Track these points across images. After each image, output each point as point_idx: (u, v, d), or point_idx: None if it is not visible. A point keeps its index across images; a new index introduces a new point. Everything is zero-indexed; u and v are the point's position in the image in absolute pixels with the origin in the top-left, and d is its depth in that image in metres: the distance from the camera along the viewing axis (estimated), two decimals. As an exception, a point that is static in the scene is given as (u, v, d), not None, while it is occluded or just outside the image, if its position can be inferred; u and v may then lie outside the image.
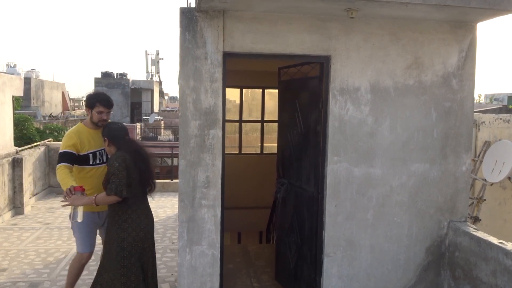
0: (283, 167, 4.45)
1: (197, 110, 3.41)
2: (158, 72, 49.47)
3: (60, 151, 3.60)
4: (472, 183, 6.66)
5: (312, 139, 3.82)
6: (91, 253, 3.78)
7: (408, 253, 3.74)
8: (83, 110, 47.73)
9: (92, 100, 3.67)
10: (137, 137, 28.25)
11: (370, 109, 3.59)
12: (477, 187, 6.71)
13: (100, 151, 3.70)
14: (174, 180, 9.47)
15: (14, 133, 8.57)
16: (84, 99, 4.84)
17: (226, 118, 3.56)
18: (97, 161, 3.67)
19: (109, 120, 3.71)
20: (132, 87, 37.32)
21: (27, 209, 7.57)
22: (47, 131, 18.83)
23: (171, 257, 5.45)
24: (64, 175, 3.47)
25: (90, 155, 3.65)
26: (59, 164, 3.53)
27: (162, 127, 31.87)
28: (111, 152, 3.42)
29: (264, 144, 7.33)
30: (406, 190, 3.69)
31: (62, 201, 3.48)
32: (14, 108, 8.47)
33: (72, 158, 3.57)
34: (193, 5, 3.51)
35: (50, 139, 11.05)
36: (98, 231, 3.83)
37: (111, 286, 3.31)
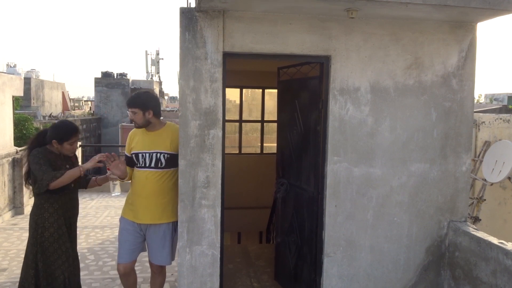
0: (283, 167, 4.45)
1: (197, 110, 3.41)
2: (158, 72, 49.45)
3: None
4: (472, 183, 6.66)
5: (312, 139, 3.82)
6: (125, 266, 3.46)
7: (408, 253, 3.74)
8: (83, 110, 47.77)
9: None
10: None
11: (370, 109, 3.59)
12: (477, 187, 6.72)
13: (145, 154, 3.40)
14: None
15: (14, 133, 8.56)
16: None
17: (226, 118, 3.56)
18: (141, 163, 3.42)
19: (132, 118, 3.41)
20: (132, 87, 37.30)
21: (27, 209, 7.57)
22: (47, 131, 18.82)
23: (171, 257, 5.44)
24: None
25: (134, 156, 3.46)
26: None
27: (162, 127, 31.84)
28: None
29: (264, 144, 7.33)
30: (406, 190, 3.69)
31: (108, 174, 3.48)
32: (14, 108, 8.46)
33: (127, 160, 3.51)
34: (193, 5, 3.51)
35: (50, 139, 11.04)
36: (142, 245, 3.55)
37: None
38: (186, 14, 3.34)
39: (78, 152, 9.53)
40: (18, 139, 13.03)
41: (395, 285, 3.74)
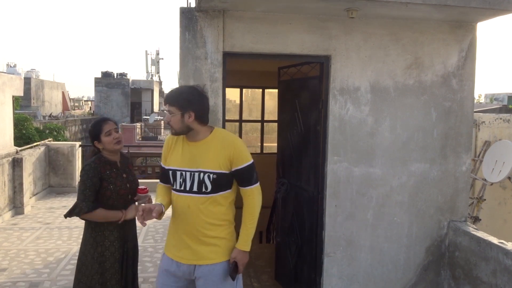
0: (283, 167, 4.45)
1: (197, 110, 3.40)
2: (158, 72, 49.48)
3: None
4: (472, 183, 6.66)
5: (312, 139, 3.82)
6: None
7: (408, 253, 3.74)
8: (83, 110, 47.79)
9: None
10: (137, 137, 28.28)
11: (370, 109, 3.59)
12: (477, 187, 6.72)
13: (184, 173, 2.50)
14: (174, 180, 9.46)
15: (14, 133, 8.57)
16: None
17: (226, 118, 3.56)
18: (179, 186, 2.53)
19: (168, 120, 2.58)
20: (132, 87, 37.35)
21: (27, 209, 7.58)
22: (47, 131, 18.85)
23: (171, 257, 5.44)
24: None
25: (170, 173, 2.57)
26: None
27: (162, 127, 31.89)
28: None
29: (264, 144, 7.32)
30: (406, 190, 3.69)
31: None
32: (14, 108, 8.46)
33: (162, 173, 2.69)
34: (193, 5, 3.51)
35: (50, 139, 11.06)
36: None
37: None
38: (186, 14, 3.34)
39: (79, 152, 9.53)
40: (18, 139, 13.04)
41: (395, 285, 3.74)
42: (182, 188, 2.50)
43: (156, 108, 41.08)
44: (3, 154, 7.29)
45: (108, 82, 35.73)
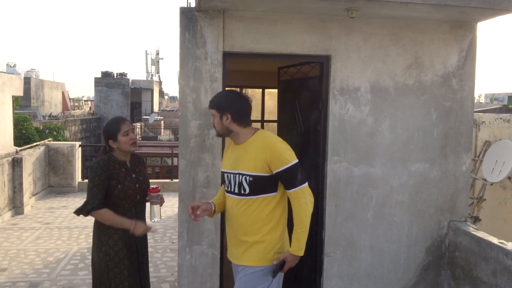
0: (283, 167, 4.44)
1: (197, 110, 3.41)
2: (158, 72, 49.48)
3: None
4: (472, 183, 6.66)
5: (312, 139, 3.82)
6: None
7: (408, 253, 3.74)
8: (83, 109, 47.78)
9: None
10: (137, 137, 28.25)
11: (370, 109, 3.59)
12: (477, 187, 6.71)
13: (229, 174, 2.57)
14: (174, 180, 9.47)
15: (14, 133, 8.57)
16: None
17: (226, 118, 3.56)
18: (226, 187, 2.63)
19: (213, 123, 2.63)
20: (132, 87, 37.34)
21: (27, 209, 7.58)
22: (47, 131, 18.84)
23: (171, 257, 5.45)
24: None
25: (222, 174, 2.68)
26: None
27: (162, 127, 31.90)
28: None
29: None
30: (406, 190, 3.69)
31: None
32: (13, 108, 8.46)
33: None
34: (193, 4, 3.51)
35: (50, 139, 11.06)
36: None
37: None
38: (186, 14, 3.33)
39: (78, 152, 9.53)
40: (17, 139, 13.04)
41: (395, 285, 3.74)
42: (228, 189, 2.59)
43: (156, 108, 41.08)
44: (3, 154, 7.29)
45: (108, 82, 35.71)
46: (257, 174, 2.44)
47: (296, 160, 2.46)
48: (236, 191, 2.52)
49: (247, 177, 2.46)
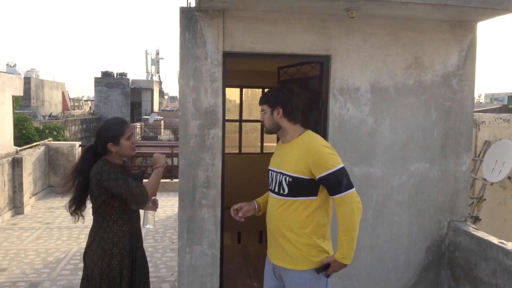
0: (283, 167, 4.44)
1: (197, 110, 3.41)
2: (158, 72, 49.48)
3: None
4: (472, 183, 6.66)
5: (312, 139, 3.81)
6: None
7: (408, 253, 3.74)
8: (83, 109, 47.80)
9: None
10: (137, 137, 28.29)
11: (370, 109, 3.59)
12: (477, 187, 6.72)
13: (272, 172, 2.55)
14: (174, 180, 9.49)
15: (14, 133, 8.57)
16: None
17: (226, 118, 3.56)
18: (269, 185, 2.59)
19: (262, 119, 2.60)
20: (132, 86, 37.33)
21: (27, 209, 7.58)
22: (47, 131, 18.83)
23: (171, 257, 5.45)
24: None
25: (269, 172, 2.62)
26: None
27: (162, 127, 31.90)
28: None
29: (264, 144, 7.32)
30: (406, 190, 3.69)
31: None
32: (13, 108, 8.47)
33: None
34: (193, 4, 3.51)
35: (50, 139, 11.06)
36: None
37: None
38: (186, 14, 3.33)
39: (78, 152, 9.53)
40: (17, 139, 13.04)
41: (395, 284, 3.74)
42: (270, 187, 2.57)
43: (156, 108, 41.08)
44: (3, 154, 7.29)
45: (108, 82, 35.71)
46: (296, 176, 2.38)
47: (341, 165, 2.37)
48: (276, 190, 2.48)
49: (287, 177, 2.41)
